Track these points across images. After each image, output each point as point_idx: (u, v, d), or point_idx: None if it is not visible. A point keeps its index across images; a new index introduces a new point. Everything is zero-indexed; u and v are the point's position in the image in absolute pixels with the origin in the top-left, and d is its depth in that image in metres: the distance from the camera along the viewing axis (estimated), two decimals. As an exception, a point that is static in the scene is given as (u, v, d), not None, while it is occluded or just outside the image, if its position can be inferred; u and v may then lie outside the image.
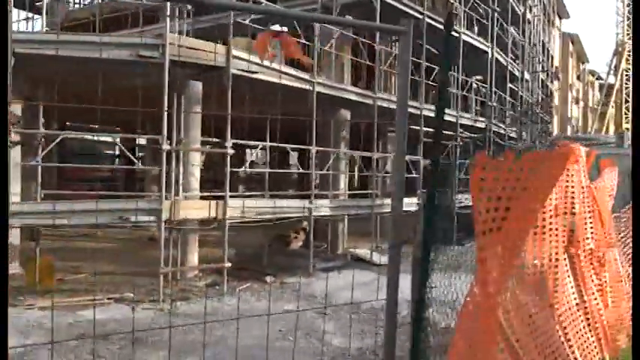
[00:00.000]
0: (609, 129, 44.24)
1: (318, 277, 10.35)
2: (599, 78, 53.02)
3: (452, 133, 15.24)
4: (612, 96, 43.46)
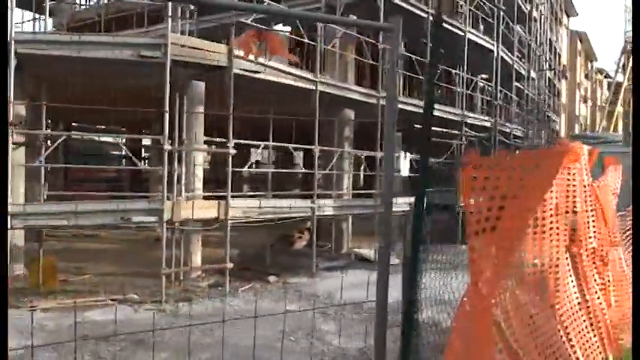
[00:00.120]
0: (618, 127, 43.86)
1: (321, 277, 10.32)
2: (607, 76, 52.59)
3: (457, 132, 15.16)
4: (620, 94, 43.10)
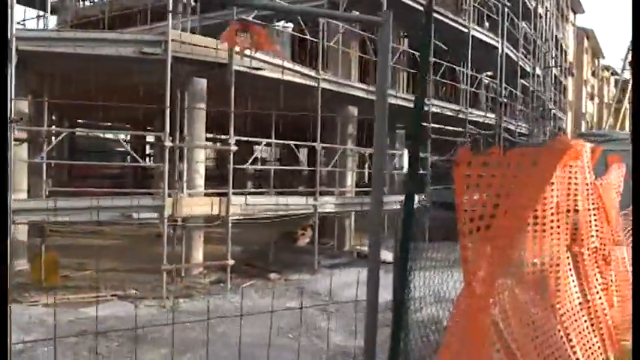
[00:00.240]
0: (625, 125, 43.52)
1: (323, 275, 10.29)
2: (614, 73, 52.20)
3: (461, 130, 15.08)
4: (628, 91, 42.75)
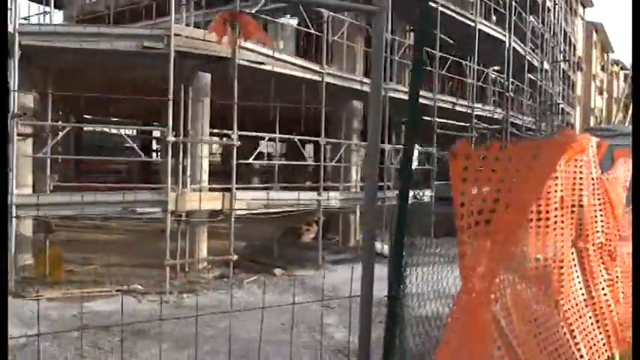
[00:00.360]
0: (635, 120, 43.03)
1: (328, 270, 10.25)
2: (623, 68, 51.68)
3: (467, 124, 14.97)
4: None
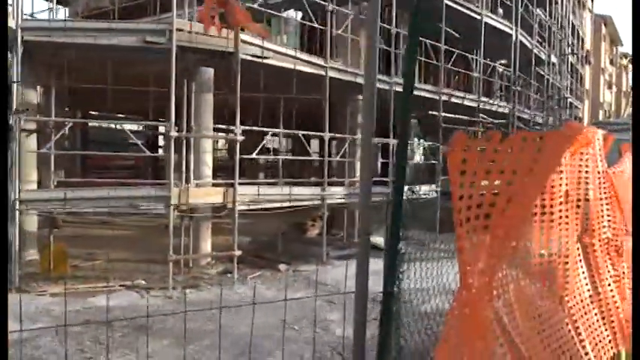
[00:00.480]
0: (644, 114, 42.62)
1: (332, 266, 10.22)
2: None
3: (473, 119, 14.85)
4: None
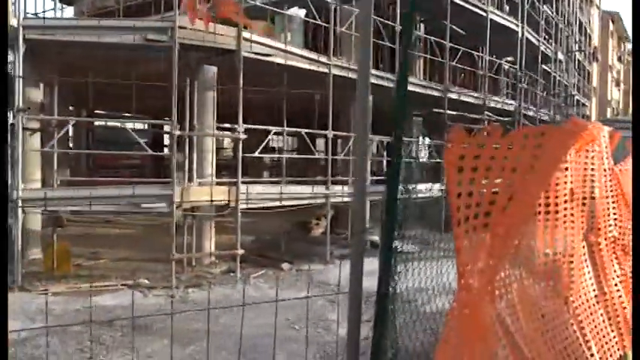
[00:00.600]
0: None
1: (335, 265, 10.15)
2: (641, 59, 50.73)
3: (479, 117, 14.73)
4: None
